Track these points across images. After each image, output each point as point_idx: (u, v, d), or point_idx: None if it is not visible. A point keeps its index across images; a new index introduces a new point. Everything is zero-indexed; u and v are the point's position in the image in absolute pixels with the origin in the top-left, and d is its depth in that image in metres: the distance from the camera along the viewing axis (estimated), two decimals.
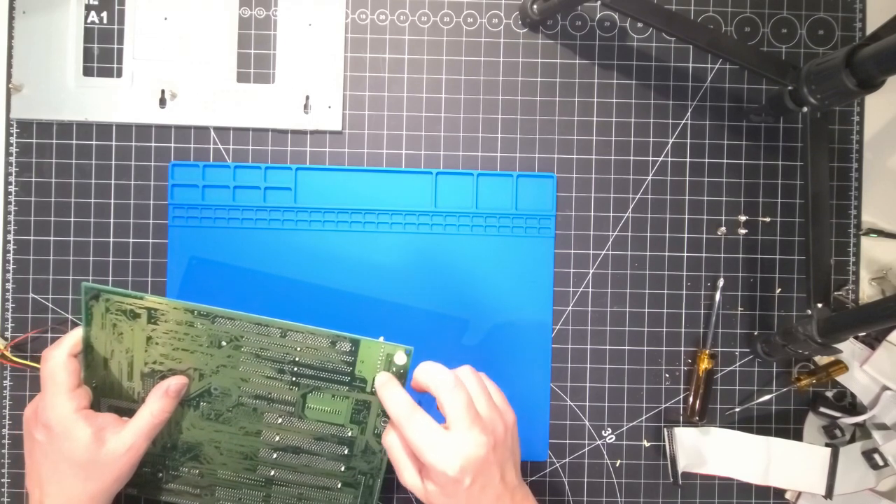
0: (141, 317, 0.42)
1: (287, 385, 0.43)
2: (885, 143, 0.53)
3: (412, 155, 0.52)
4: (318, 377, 0.43)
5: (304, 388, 0.43)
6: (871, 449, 0.50)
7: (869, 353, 0.51)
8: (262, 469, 0.46)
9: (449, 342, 0.51)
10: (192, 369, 0.43)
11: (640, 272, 0.53)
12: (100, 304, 0.42)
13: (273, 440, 0.45)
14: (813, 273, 0.45)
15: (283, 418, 0.44)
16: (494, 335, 0.51)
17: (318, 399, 0.44)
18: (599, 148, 0.52)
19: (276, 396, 0.44)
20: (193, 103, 0.51)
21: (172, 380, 0.43)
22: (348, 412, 0.44)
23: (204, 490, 0.47)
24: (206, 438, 0.45)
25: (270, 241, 0.51)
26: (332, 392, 0.43)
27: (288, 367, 0.43)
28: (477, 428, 0.38)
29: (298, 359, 0.42)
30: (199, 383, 0.44)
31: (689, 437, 0.51)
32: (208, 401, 0.44)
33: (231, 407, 0.44)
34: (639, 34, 0.53)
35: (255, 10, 0.52)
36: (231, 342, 0.42)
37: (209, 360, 0.43)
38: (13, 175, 0.51)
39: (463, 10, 0.52)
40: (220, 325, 0.42)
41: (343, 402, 0.44)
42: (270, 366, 0.43)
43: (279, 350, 0.42)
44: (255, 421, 0.44)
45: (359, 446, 0.45)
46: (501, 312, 0.51)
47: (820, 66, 0.44)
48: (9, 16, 0.51)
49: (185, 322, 0.42)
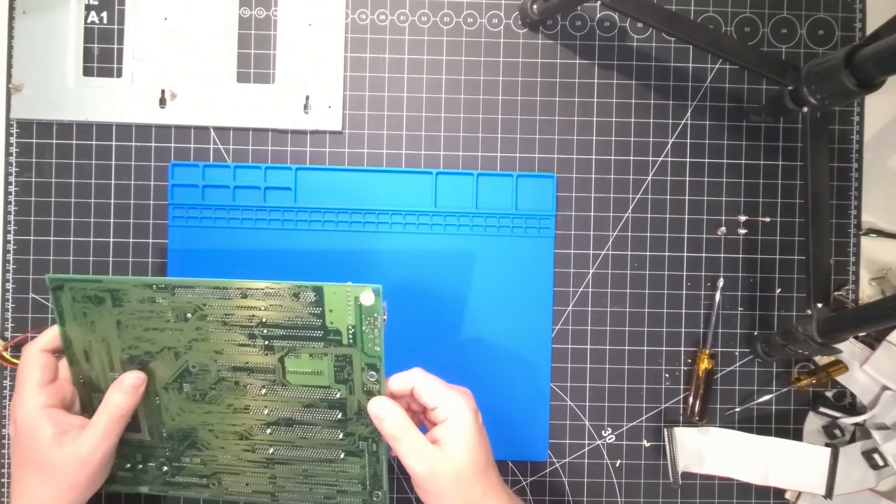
0: (105, 300, 0.42)
1: (261, 350, 0.42)
2: (885, 143, 0.53)
3: (412, 155, 0.52)
4: (290, 336, 0.41)
5: (280, 350, 0.42)
6: (871, 449, 0.50)
7: (869, 353, 0.51)
8: (260, 448, 0.45)
9: (449, 342, 0.51)
10: (167, 349, 0.42)
11: (640, 272, 0.53)
12: (66, 293, 0.41)
13: (263, 414, 0.44)
14: (813, 273, 0.45)
15: (267, 388, 0.43)
16: (494, 335, 0.51)
17: (296, 362, 0.42)
18: (599, 148, 0.52)
19: (254, 364, 0.42)
20: (193, 103, 0.51)
21: (128, 374, 0.42)
22: (331, 371, 0.42)
23: (210, 479, 0.46)
24: (197, 422, 0.44)
25: (270, 241, 0.51)
26: (308, 351, 0.42)
27: (258, 331, 0.41)
28: (458, 392, 0.41)
29: (265, 319, 0.41)
30: (177, 363, 0.43)
31: (689, 437, 0.51)
32: (190, 381, 0.43)
33: (213, 384, 0.43)
34: (639, 34, 0.53)
35: (255, 10, 0.52)
36: (196, 312, 0.41)
37: (179, 335, 0.42)
38: (13, 175, 0.51)
39: (463, 10, 0.52)
40: (181, 296, 0.41)
41: (323, 361, 0.42)
42: (240, 332, 0.42)
43: (244, 313, 0.41)
44: (240, 395, 0.43)
45: (351, 408, 0.43)
46: (501, 312, 0.51)
47: (820, 66, 0.44)
48: (9, 16, 0.51)
49: (146, 299, 0.41)
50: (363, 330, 0.40)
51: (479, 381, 0.51)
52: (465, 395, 0.41)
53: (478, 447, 0.40)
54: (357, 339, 0.41)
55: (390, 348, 0.41)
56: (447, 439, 0.39)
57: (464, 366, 0.51)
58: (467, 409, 0.40)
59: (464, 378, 0.51)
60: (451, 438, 0.39)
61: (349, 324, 0.40)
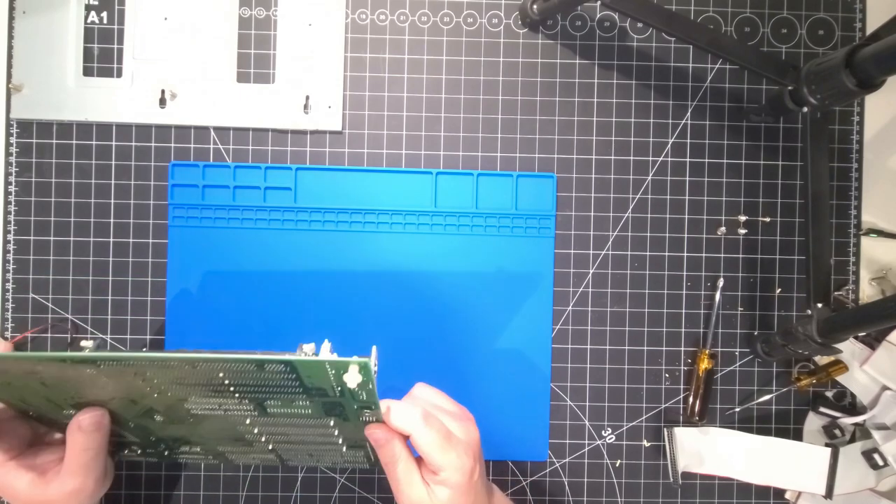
0: (11, 371, 0.34)
1: (234, 400, 0.36)
2: (885, 143, 0.53)
3: (412, 155, 0.52)
4: (264, 391, 0.36)
5: (255, 399, 0.36)
6: (871, 449, 0.50)
7: (869, 353, 0.51)
8: (258, 445, 0.43)
9: (449, 342, 0.51)
10: (118, 398, 0.37)
11: (640, 272, 0.53)
12: None
13: (252, 432, 0.40)
14: (813, 273, 0.45)
15: (251, 419, 0.39)
16: (494, 335, 0.51)
17: (278, 404, 0.37)
18: (599, 148, 0.52)
19: (230, 408, 0.37)
20: (193, 103, 0.51)
21: (84, 414, 0.38)
22: (319, 410, 0.38)
23: (215, 456, 0.45)
24: (185, 433, 0.41)
25: (270, 241, 0.51)
26: (290, 399, 0.36)
27: (224, 388, 0.35)
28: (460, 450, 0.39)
29: (229, 382, 0.35)
30: (137, 407, 0.37)
31: (689, 437, 0.51)
32: (161, 415, 0.38)
33: (188, 416, 0.39)
34: (639, 34, 0.53)
35: (255, 10, 0.52)
36: (138, 375, 0.34)
37: (128, 389, 0.36)
38: (13, 175, 0.51)
39: (463, 10, 0.52)
40: (111, 367, 0.34)
41: (309, 405, 0.37)
42: (202, 390, 0.35)
43: (200, 377, 0.34)
44: (222, 423, 0.39)
45: (348, 429, 0.40)
46: (501, 312, 0.51)
47: (820, 66, 0.44)
48: (9, 16, 0.51)
49: (68, 369, 0.34)
50: (353, 393, 0.36)
51: (479, 381, 0.51)
52: (462, 455, 0.38)
53: (464, 502, 0.39)
54: (346, 395, 0.36)
55: (390, 351, 0.40)
56: (436, 489, 0.39)
57: (464, 366, 0.51)
58: (460, 472, 0.38)
59: (463, 378, 0.51)
60: (439, 490, 0.39)
61: (333, 385, 0.35)
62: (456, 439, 0.39)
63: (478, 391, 0.51)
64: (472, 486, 0.39)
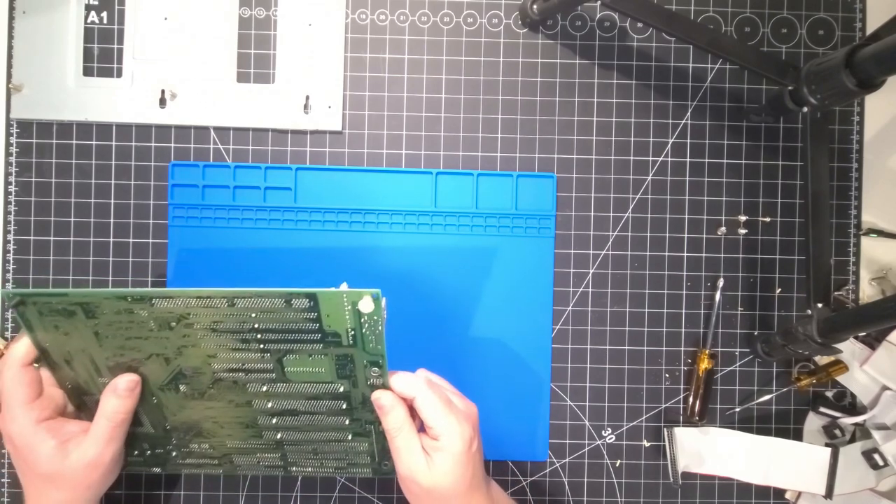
0: (76, 313, 0.39)
1: (257, 354, 0.40)
2: (885, 143, 0.53)
3: (412, 155, 0.52)
4: (286, 340, 0.40)
5: (276, 353, 0.40)
6: (871, 449, 0.50)
7: (869, 353, 0.51)
8: (267, 434, 0.44)
9: (449, 342, 0.51)
10: (155, 355, 0.40)
11: (640, 272, 0.53)
12: (30, 308, 0.38)
13: (266, 407, 0.43)
14: (813, 273, 0.45)
15: (268, 385, 0.42)
16: (494, 335, 0.51)
17: (295, 361, 0.41)
18: (599, 148, 0.52)
19: (251, 367, 0.41)
20: (193, 103, 0.51)
21: (121, 378, 0.41)
22: (332, 369, 0.41)
23: (221, 460, 0.46)
24: (199, 416, 0.44)
25: (270, 241, 0.51)
26: (307, 352, 0.40)
27: (251, 336, 0.39)
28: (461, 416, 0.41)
29: (258, 325, 0.39)
30: (168, 367, 0.41)
31: (689, 437, 0.51)
32: (185, 382, 0.42)
33: (210, 384, 0.42)
34: (639, 34, 0.53)
35: (255, 10, 0.52)
36: (180, 321, 0.39)
37: (166, 342, 0.40)
38: (13, 175, 0.51)
39: (463, 10, 0.52)
40: (161, 306, 0.38)
41: (323, 360, 0.41)
42: (231, 338, 0.39)
43: (234, 320, 0.39)
44: (240, 392, 0.42)
45: (356, 398, 0.43)
46: (501, 312, 0.51)
47: (820, 66, 0.44)
48: (9, 16, 0.51)
49: (122, 310, 0.38)
50: (363, 332, 0.40)
51: (479, 381, 0.51)
52: (462, 422, 0.40)
53: (462, 472, 0.40)
54: (357, 340, 0.40)
55: (391, 349, 0.41)
56: (435, 456, 0.40)
57: (464, 366, 0.51)
58: (460, 439, 0.40)
59: (463, 378, 0.51)
60: (438, 458, 0.40)
61: (348, 327, 0.39)
62: (456, 408, 0.41)
63: (478, 391, 0.51)
64: (470, 457, 0.40)
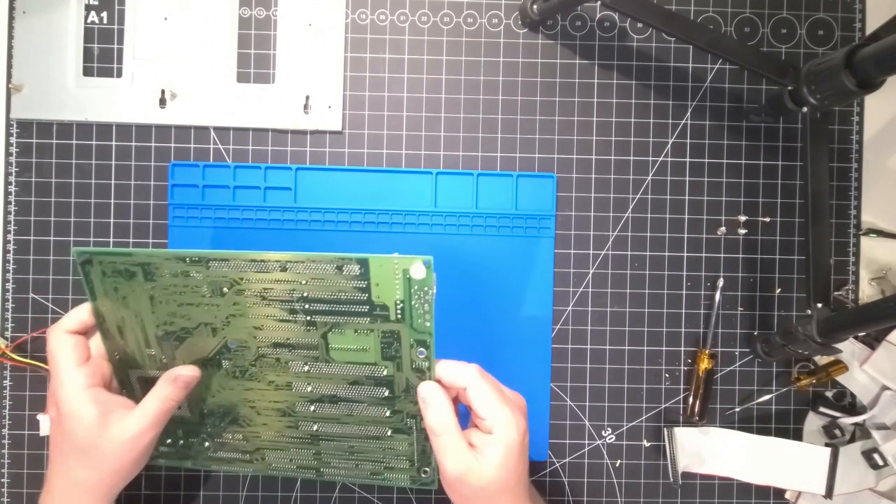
0: (137, 275, 0.40)
1: (303, 326, 0.40)
2: (885, 143, 0.53)
3: (412, 155, 0.52)
4: (333, 311, 0.40)
5: (322, 326, 0.40)
6: (870, 449, 0.50)
7: (869, 353, 0.51)
8: (304, 425, 0.44)
9: (449, 342, 0.51)
10: (203, 325, 0.41)
11: (640, 272, 0.53)
12: (95, 268, 0.40)
13: (305, 391, 0.43)
14: (813, 273, 0.45)
15: (310, 364, 0.42)
16: (494, 335, 0.51)
17: (340, 338, 0.40)
18: (599, 148, 0.52)
19: (296, 341, 0.41)
20: (193, 103, 0.51)
21: (184, 369, 0.42)
22: (377, 348, 0.40)
23: (253, 455, 0.45)
24: (238, 399, 0.44)
25: (270, 241, 0.51)
26: (353, 327, 0.40)
27: (299, 306, 0.40)
28: (514, 408, 0.40)
29: (307, 294, 0.39)
30: (214, 339, 0.42)
31: (689, 437, 0.51)
32: (228, 357, 0.42)
33: (253, 360, 0.42)
34: (639, 34, 0.53)
35: (255, 10, 0.52)
36: (232, 287, 0.40)
37: (216, 310, 0.41)
38: (13, 175, 0.51)
39: (463, 10, 0.52)
40: (217, 269, 0.39)
41: (368, 337, 0.40)
42: (279, 307, 0.40)
43: (284, 287, 0.39)
44: (281, 372, 0.42)
45: (399, 385, 0.41)
46: (501, 312, 0.51)
47: (820, 66, 0.44)
48: (9, 16, 0.51)
49: (180, 273, 0.40)
50: (412, 304, 0.38)
51: None
52: (517, 414, 0.39)
53: (515, 465, 0.39)
54: (406, 314, 0.39)
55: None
56: (486, 451, 0.39)
57: None
58: (515, 430, 0.39)
59: None
60: (490, 452, 0.39)
61: (397, 298, 0.39)
62: (509, 398, 0.40)
63: None
64: (523, 449, 0.39)
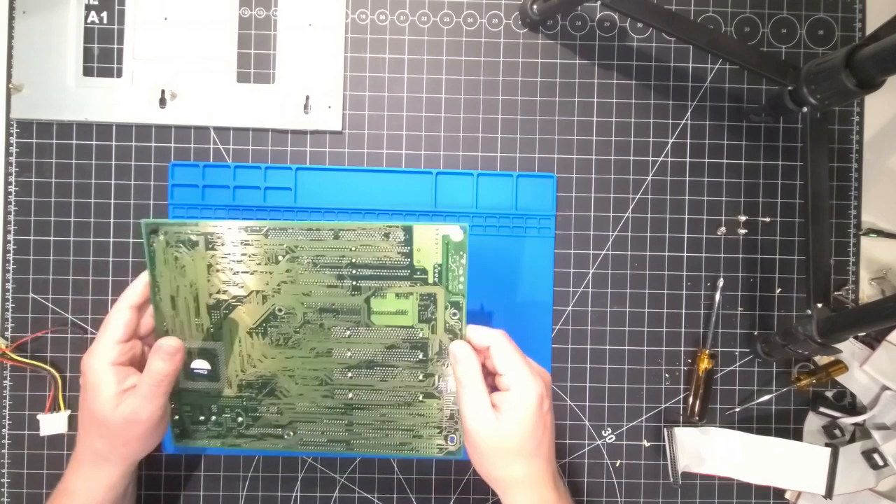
0: (199, 244, 0.43)
1: (348, 291, 0.43)
2: (885, 143, 0.53)
3: (412, 155, 0.52)
4: (377, 276, 0.43)
5: (366, 291, 0.43)
6: (870, 449, 0.50)
7: (869, 353, 0.51)
8: (339, 393, 0.45)
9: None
10: (255, 293, 0.44)
11: (640, 272, 0.53)
12: (160, 238, 0.43)
13: (345, 356, 0.45)
14: (813, 273, 0.45)
15: (351, 329, 0.44)
16: None
17: (381, 302, 0.44)
18: (599, 148, 0.52)
19: (340, 305, 0.44)
20: (193, 103, 0.51)
21: (165, 339, 0.43)
22: (415, 310, 0.44)
23: (286, 429, 0.46)
24: (278, 368, 0.45)
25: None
26: (394, 291, 0.43)
27: (346, 272, 0.43)
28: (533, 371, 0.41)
29: (355, 259, 0.43)
30: (264, 307, 0.44)
31: (689, 437, 0.51)
32: (274, 325, 0.44)
33: (297, 327, 0.44)
34: (639, 34, 0.53)
35: (255, 10, 0.52)
36: (287, 254, 0.43)
37: (269, 278, 0.43)
38: (13, 175, 0.51)
39: (463, 10, 0.52)
40: (274, 238, 0.43)
41: (408, 301, 0.43)
42: (329, 273, 0.43)
43: (335, 254, 0.43)
44: (323, 339, 0.44)
45: (432, 348, 0.44)
46: (501, 312, 0.51)
47: (820, 66, 0.44)
48: (9, 16, 0.51)
49: (240, 242, 0.43)
50: (449, 267, 0.42)
51: None
52: (535, 377, 0.41)
53: (532, 429, 0.40)
54: (442, 276, 0.43)
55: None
56: (504, 409, 0.40)
57: None
58: (534, 390, 0.40)
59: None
60: (508, 410, 0.40)
61: (436, 262, 0.42)
62: (530, 362, 0.42)
63: None
64: (542, 416, 0.40)
